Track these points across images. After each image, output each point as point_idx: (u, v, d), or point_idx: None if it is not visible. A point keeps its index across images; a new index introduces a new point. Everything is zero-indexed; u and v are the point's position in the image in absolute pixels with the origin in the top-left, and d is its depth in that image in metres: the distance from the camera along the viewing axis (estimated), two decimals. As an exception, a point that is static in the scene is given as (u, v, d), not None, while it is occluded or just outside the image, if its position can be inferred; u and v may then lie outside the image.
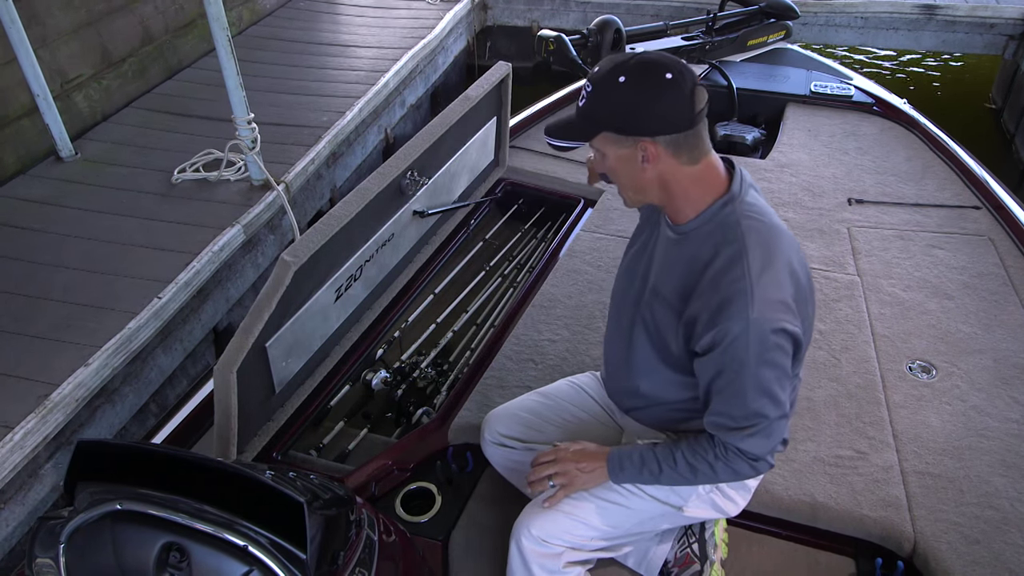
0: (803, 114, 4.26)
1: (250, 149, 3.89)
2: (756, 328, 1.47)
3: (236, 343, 2.02)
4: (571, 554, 1.74)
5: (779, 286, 1.51)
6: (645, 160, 1.54)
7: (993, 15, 6.36)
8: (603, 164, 1.63)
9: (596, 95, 1.54)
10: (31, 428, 2.73)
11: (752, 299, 1.47)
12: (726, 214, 1.57)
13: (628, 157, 1.56)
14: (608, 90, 1.52)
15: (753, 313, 1.47)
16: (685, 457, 1.63)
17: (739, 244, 1.53)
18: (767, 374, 1.52)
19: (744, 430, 1.56)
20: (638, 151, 1.53)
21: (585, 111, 1.57)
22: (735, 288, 1.49)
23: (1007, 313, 2.83)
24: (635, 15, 6.75)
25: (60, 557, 1.25)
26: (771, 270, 1.51)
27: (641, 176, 1.57)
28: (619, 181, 1.64)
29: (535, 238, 3.60)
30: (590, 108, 1.56)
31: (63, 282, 3.41)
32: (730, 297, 1.49)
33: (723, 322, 1.49)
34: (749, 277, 1.49)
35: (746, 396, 1.53)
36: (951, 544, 1.99)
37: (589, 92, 1.55)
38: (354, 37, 6.14)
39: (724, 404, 1.57)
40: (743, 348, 1.49)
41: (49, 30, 4.35)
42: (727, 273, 1.51)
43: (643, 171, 1.56)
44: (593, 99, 1.55)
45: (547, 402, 2.03)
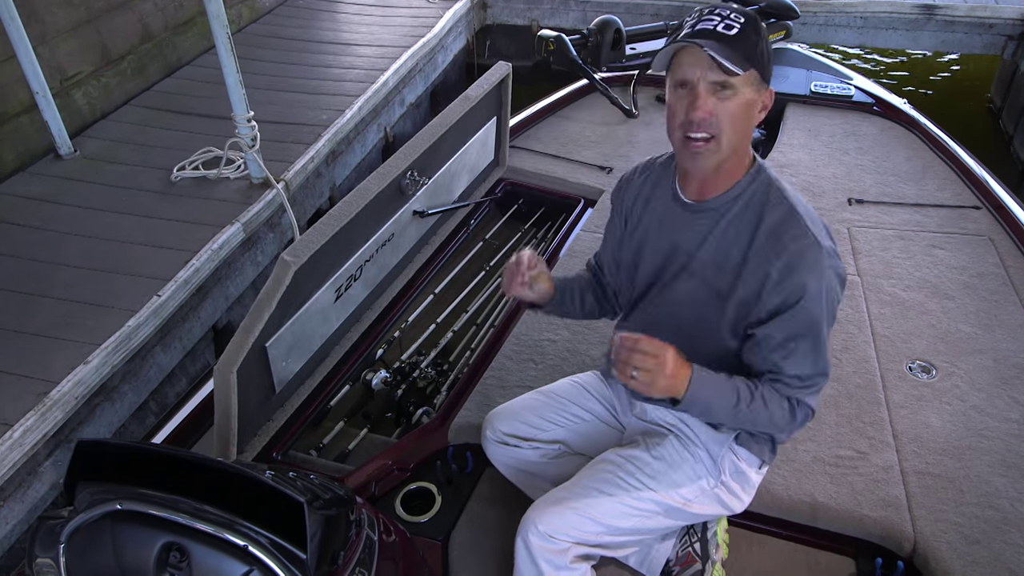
0: (803, 114, 4.26)
1: (250, 147, 3.89)
2: (828, 279, 1.53)
3: (236, 343, 2.01)
4: (577, 549, 1.73)
5: (828, 236, 1.57)
6: (763, 109, 1.56)
7: (992, 15, 6.36)
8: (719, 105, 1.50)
9: (750, 31, 1.50)
10: (30, 426, 2.73)
11: (820, 249, 1.52)
12: (761, 179, 1.62)
13: (753, 104, 1.54)
14: (760, 31, 1.51)
15: (825, 262, 1.52)
16: (764, 396, 1.60)
17: (786, 203, 1.58)
18: (824, 328, 1.57)
19: (811, 387, 1.62)
20: (761, 99, 1.55)
21: (741, 41, 1.49)
22: (803, 243, 1.52)
23: (1007, 313, 2.83)
24: (634, 15, 6.74)
25: (60, 557, 1.25)
26: (818, 222, 1.58)
27: (749, 127, 1.57)
28: (730, 127, 1.52)
29: (535, 238, 3.60)
30: (748, 41, 1.49)
31: (62, 280, 3.40)
32: (800, 252, 1.52)
33: (799, 278, 1.52)
34: (811, 231, 1.53)
35: (817, 354, 1.58)
36: (951, 544, 1.99)
37: (744, 24, 1.50)
38: (354, 35, 6.13)
39: (794, 366, 1.59)
40: (817, 304, 1.53)
41: (48, 27, 4.34)
42: (787, 231, 1.54)
43: (752, 121, 1.56)
44: (749, 33, 1.50)
45: (549, 401, 2.02)
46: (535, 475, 2.03)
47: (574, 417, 1.99)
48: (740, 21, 1.50)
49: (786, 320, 1.55)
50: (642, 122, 4.20)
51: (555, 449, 2.00)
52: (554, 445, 1.99)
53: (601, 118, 4.23)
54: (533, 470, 2.02)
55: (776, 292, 1.54)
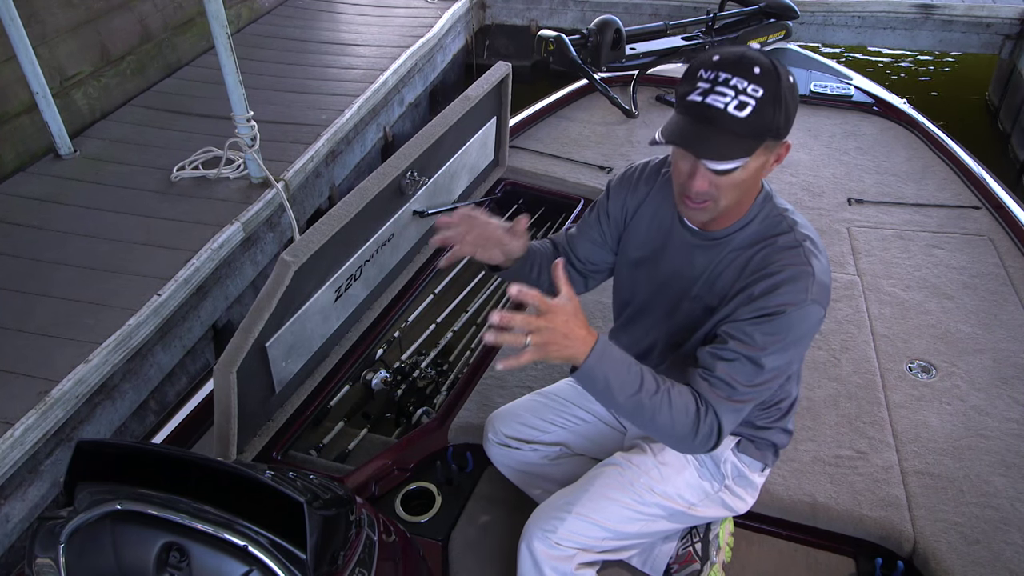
0: (803, 114, 4.25)
1: (249, 147, 3.89)
2: (809, 310, 1.49)
3: (236, 343, 2.01)
4: (583, 555, 1.72)
5: (828, 277, 1.54)
6: (777, 160, 1.50)
7: (989, 15, 6.39)
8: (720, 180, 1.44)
9: (776, 99, 1.38)
10: (31, 424, 2.73)
11: (813, 282, 1.49)
12: (768, 209, 1.58)
13: (766, 163, 1.47)
14: (781, 92, 1.38)
15: (811, 295, 1.48)
16: (670, 394, 1.46)
17: (793, 233, 1.55)
18: (790, 356, 1.53)
19: (735, 402, 1.49)
20: (773, 155, 1.48)
21: (754, 119, 1.37)
22: (801, 270, 1.49)
23: (1007, 313, 2.83)
24: (633, 14, 6.75)
25: (60, 557, 1.25)
26: (822, 258, 1.54)
27: (755, 183, 1.52)
28: (732, 194, 1.47)
29: (535, 238, 3.59)
30: (762, 114, 1.38)
31: (63, 279, 3.40)
32: (793, 276, 1.49)
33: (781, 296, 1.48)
34: (810, 262, 1.50)
35: (762, 370, 1.48)
36: (951, 544, 1.99)
37: (762, 97, 1.36)
38: (353, 35, 6.13)
39: (734, 370, 1.48)
40: (786, 325, 1.48)
41: (48, 28, 4.34)
42: (787, 256, 1.52)
43: (764, 175, 1.51)
44: (772, 104, 1.38)
45: (550, 402, 2.02)
46: (537, 476, 2.03)
47: (575, 419, 1.99)
48: (757, 95, 1.36)
49: (746, 326, 1.49)
50: (642, 122, 4.20)
51: (556, 451, 2.00)
52: (555, 447, 1.99)
53: (601, 118, 4.23)
54: (535, 472, 2.02)
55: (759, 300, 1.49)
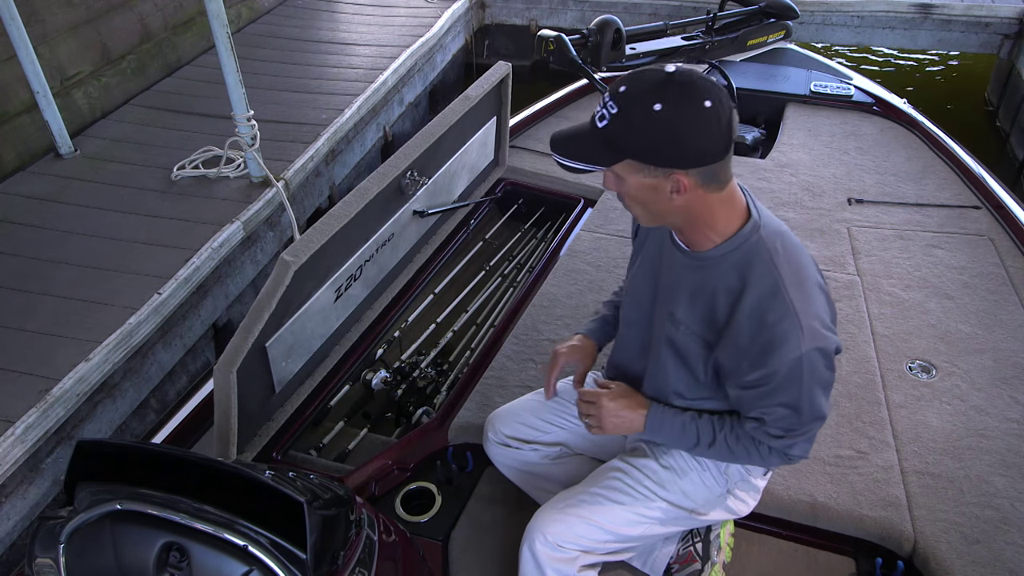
0: (803, 114, 4.26)
1: (249, 146, 3.89)
2: (808, 359, 1.46)
3: (236, 343, 2.01)
4: (585, 558, 1.72)
5: (818, 310, 1.48)
6: (675, 192, 1.43)
7: (988, 14, 6.40)
8: (619, 187, 1.49)
9: (624, 119, 1.38)
10: (32, 422, 2.74)
11: (802, 334, 1.44)
12: (754, 242, 1.50)
13: (655, 187, 1.44)
14: (640, 116, 1.37)
15: (804, 347, 1.44)
16: (727, 441, 1.64)
17: (773, 275, 1.47)
18: (818, 393, 1.51)
19: (794, 439, 1.58)
20: (668, 182, 1.42)
21: (609, 134, 1.41)
22: (783, 327, 1.44)
23: (1007, 313, 2.83)
24: (632, 14, 6.76)
25: (60, 557, 1.25)
26: (807, 295, 1.48)
27: (667, 205, 1.47)
28: (638, 207, 1.52)
29: (535, 238, 3.60)
30: (615, 132, 1.40)
31: (64, 278, 3.41)
32: (780, 337, 1.44)
33: (774, 363, 1.46)
34: (794, 313, 1.44)
35: (801, 416, 1.53)
36: (951, 544, 1.99)
37: (615, 114, 1.39)
38: (353, 35, 6.13)
39: (776, 421, 1.56)
40: (796, 379, 1.47)
41: (49, 27, 4.34)
42: (770, 310, 1.45)
43: (669, 201, 1.45)
44: (620, 122, 1.39)
45: (550, 403, 2.01)
46: (537, 476, 2.02)
47: (576, 420, 1.98)
48: (612, 112, 1.39)
49: (764, 392, 1.51)
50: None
51: (557, 451, 1.99)
52: (556, 447, 1.99)
53: (601, 118, 4.22)
54: (535, 471, 2.02)
55: (754, 367, 1.49)
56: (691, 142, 1.38)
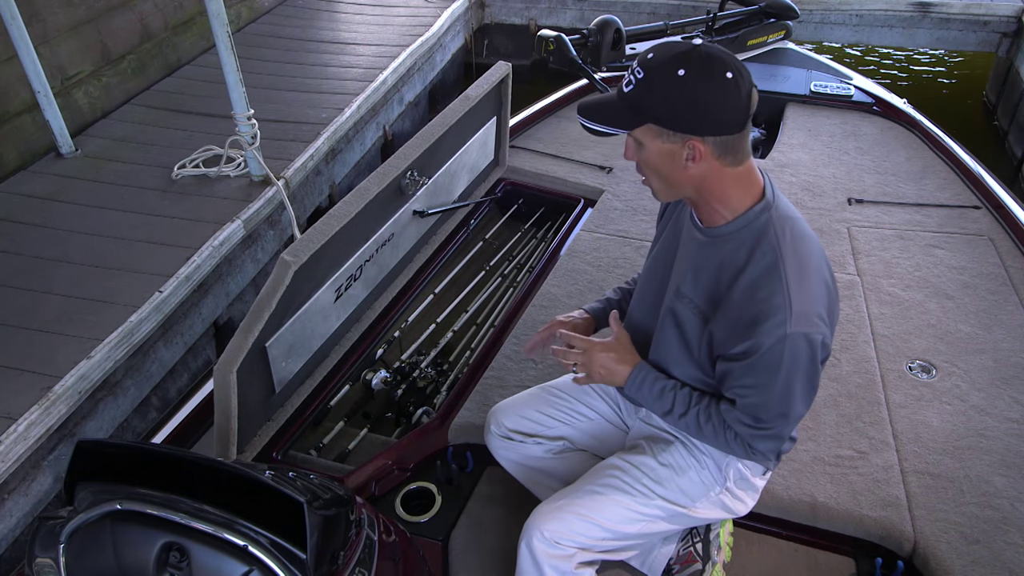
0: (803, 114, 4.26)
1: (250, 145, 3.89)
2: (792, 342, 1.46)
3: (236, 343, 2.01)
4: (582, 555, 1.73)
5: (814, 299, 1.49)
6: (690, 159, 1.48)
7: (987, 13, 6.41)
8: (637, 153, 1.55)
9: (649, 83, 1.45)
10: (35, 419, 2.75)
11: (790, 313, 1.45)
12: (763, 221, 1.53)
13: (671, 153, 1.49)
14: (664, 81, 1.43)
15: (790, 327, 1.45)
16: (699, 418, 1.66)
17: (775, 254, 1.49)
18: (796, 385, 1.52)
19: (761, 431, 1.59)
20: (684, 148, 1.47)
21: (633, 98, 1.47)
22: (773, 303, 1.46)
23: (1007, 313, 2.83)
24: (632, 13, 6.77)
25: (60, 557, 1.25)
26: (806, 283, 1.49)
27: (681, 174, 1.51)
28: (653, 174, 1.56)
29: (535, 238, 3.60)
30: (639, 96, 1.46)
31: (65, 276, 3.41)
32: (767, 311, 1.46)
33: (758, 335, 1.47)
34: (787, 291, 1.46)
35: (770, 405, 1.54)
36: (951, 544, 1.99)
37: (640, 79, 1.46)
38: (352, 35, 6.13)
39: (748, 407, 1.57)
40: (776, 360, 1.48)
41: (50, 27, 4.35)
42: (764, 286, 1.48)
43: (685, 169, 1.50)
44: (645, 87, 1.45)
45: (553, 398, 2.01)
46: (539, 471, 2.02)
47: (579, 415, 1.99)
48: (638, 76, 1.46)
49: (747, 365, 1.52)
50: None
51: (560, 445, 1.99)
52: (558, 441, 1.99)
53: (601, 118, 4.22)
54: (537, 466, 2.02)
55: (741, 339, 1.51)
56: (710, 110, 1.44)
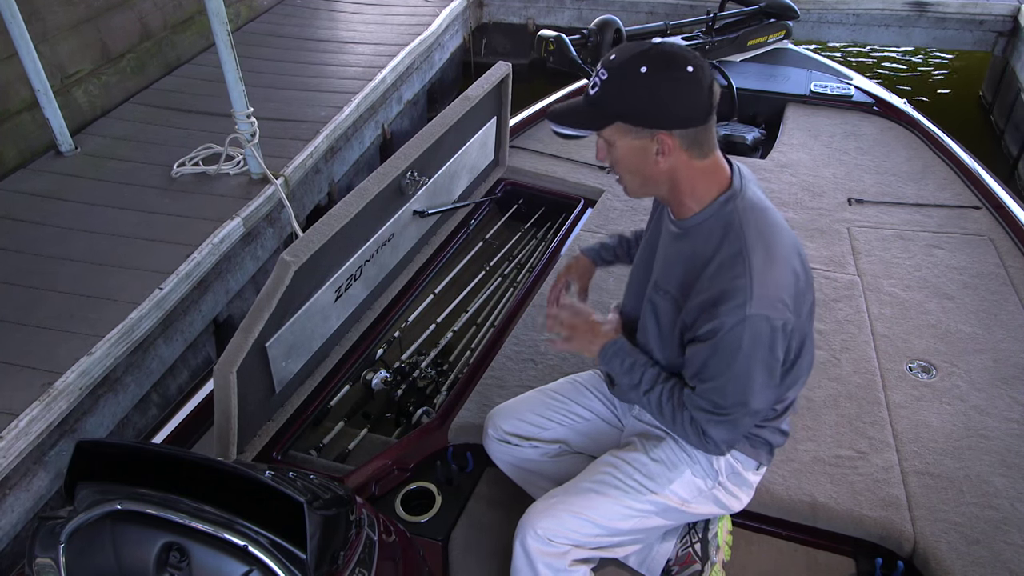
0: (803, 114, 4.26)
1: (249, 143, 3.89)
2: (752, 324, 1.48)
3: (236, 343, 2.01)
4: (576, 552, 1.73)
5: (778, 284, 1.51)
6: (660, 153, 1.52)
7: (983, 12, 6.43)
8: (609, 154, 1.59)
9: (613, 83, 1.50)
10: (36, 415, 2.75)
11: (751, 295, 1.47)
12: (728, 211, 1.56)
13: (641, 149, 1.53)
14: (627, 79, 1.48)
15: (751, 309, 1.47)
16: (661, 396, 1.67)
17: (740, 242, 1.52)
18: (755, 371, 1.53)
19: (717, 416, 1.59)
20: (653, 143, 1.51)
21: (598, 99, 1.52)
22: (735, 284, 1.49)
23: (1007, 313, 2.83)
24: (630, 13, 6.78)
25: (60, 557, 1.25)
26: (772, 268, 1.51)
27: (653, 168, 1.55)
28: (625, 172, 1.60)
29: (535, 238, 3.59)
30: (604, 96, 1.51)
31: (65, 274, 3.42)
32: (729, 291, 1.49)
33: (720, 315, 1.49)
34: (750, 274, 1.48)
35: (728, 390, 1.55)
36: (951, 544, 1.99)
37: (604, 80, 1.50)
38: (351, 33, 6.13)
39: (707, 391, 1.58)
40: (736, 342, 1.49)
41: (49, 26, 4.34)
42: (728, 269, 1.51)
43: (655, 164, 1.54)
44: (609, 87, 1.50)
45: (550, 400, 2.02)
46: (536, 473, 2.03)
47: (575, 416, 1.99)
48: (602, 79, 1.51)
49: (708, 347, 1.53)
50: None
51: (556, 448, 2.00)
52: (555, 444, 1.99)
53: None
54: (534, 468, 2.02)
55: (704, 320, 1.53)
56: (674, 103, 1.48)
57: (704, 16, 4.70)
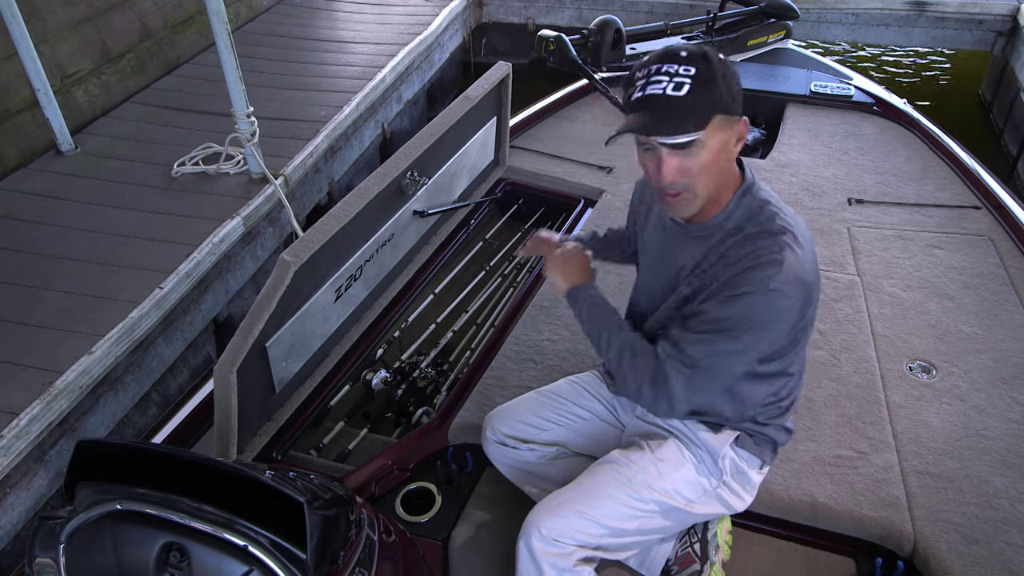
0: (803, 114, 4.26)
1: (249, 142, 3.89)
2: (771, 298, 1.48)
3: (236, 343, 2.01)
4: (580, 552, 1.73)
5: (804, 268, 1.52)
6: (739, 139, 1.52)
7: (982, 11, 6.45)
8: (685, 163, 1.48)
9: (705, 76, 1.44)
10: (36, 414, 2.75)
11: (780, 270, 1.47)
12: (747, 201, 1.58)
13: (727, 142, 1.50)
14: (717, 70, 1.45)
15: (775, 283, 1.47)
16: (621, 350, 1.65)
17: (772, 224, 1.54)
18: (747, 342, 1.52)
19: (686, 369, 1.55)
20: (735, 131, 1.51)
21: (694, 96, 1.43)
22: (766, 258, 1.49)
23: (1007, 313, 2.83)
24: (630, 12, 6.78)
25: (60, 557, 1.25)
26: (801, 252, 1.52)
27: (729, 163, 1.55)
28: (706, 177, 1.51)
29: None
30: (701, 90, 1.43)
31: (66, 273, 3.42)
32: (758, 264, 1.49)
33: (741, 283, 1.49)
34: (782, 253, 1.49)
35: (713, 346, 1.53)
36: (951, 544, 1.99)
37: (694, 75, 1.43)
38: (351, 33, 6.14)
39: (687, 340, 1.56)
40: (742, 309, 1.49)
41: (49, 25, 4.35)
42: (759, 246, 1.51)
43: (732, 156, 1.54)
44: (703, 81, 1.43)
45: (549, 401, 2.02)
46: (535, 475, 2.03)
47: (574, 417, 1.99)
48: (690, 74, 1.43)
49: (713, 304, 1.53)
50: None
51: (554, 451, 2.00)
52: (553, 447, 1.99)
53: (601, 118, 4.23)
54: (532, 470, 2.02)
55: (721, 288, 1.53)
56: (739, 87, 1.50)
57: (704, 16, 4.69)
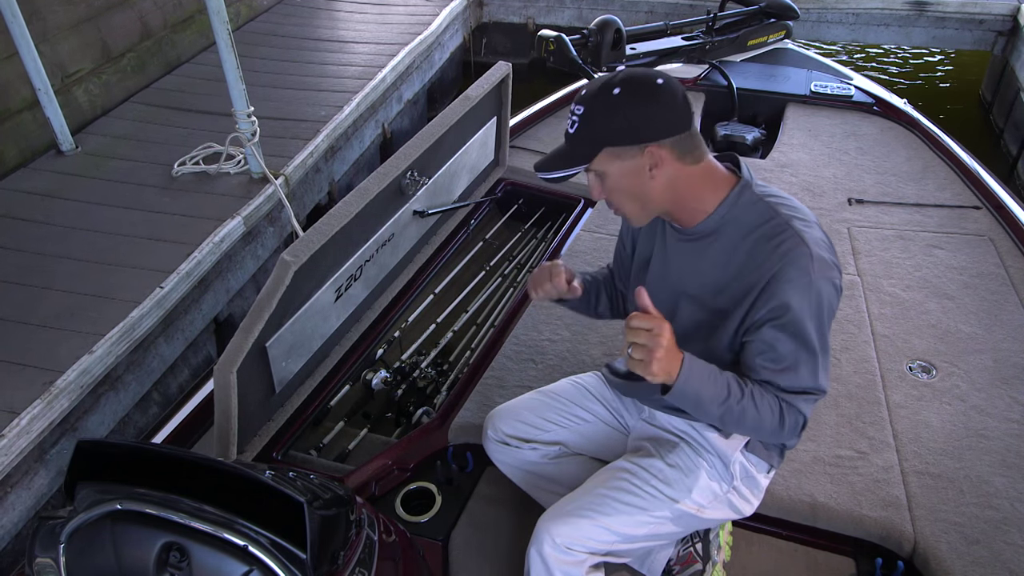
0: (803, 114, 4.26)
1: (249, 142, 3.89)
2: (818, 290, 1.48)
3: (236, 343, 2.01)
4: (592, 559, 1.72)
5: (824, 246, 1.53)
6: (654, 167, 1.52)
7: (982, 11, 6.45)
8: (603, 186, 1.59)
9: (592, 113, 1.52)
10: (37, 414, 2.76)
11: (812, 259, 1.48)
12: (745, 199, 1.58)
13: (634, 170, 1.53)
14: (605, 105, 1.50)
15: (814, 274, 1.48)
16: (754, 397, 1.54)
17: (776, 218, 1.54)
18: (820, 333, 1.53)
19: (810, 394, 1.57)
20: (645, 160, 1.52)
21: (581, 133, 1.54)
22: (793, 253, 1.49)
23: (1007, 313, 2.83)
24: (630, 12, 6.79)
25: (60, 557, 1.25)
26: (813, 229, 1.53)
27: (649, 187, 1.55)
28: (625, 199, 1.59)
29: (535, 238, 3.59)
30: (587, 128, 1.53)
31: (66, 272, 3.42)
32: (790, 261, 1.48)
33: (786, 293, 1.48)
34: (803, 241, 1.49)
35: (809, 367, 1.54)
36: (951, 544, 1.99)
37: (582, 113, 1.53)
38: (351, 33, 6.14)
39: (786, 379, 1.55)
40: (803, 316, 1.49)
41: (50, 25, 4.35)
42: (779, 244, 1.51)
43: (652, 180, 1.54)
44: (589, 118, 1.53)
45: (550, 402, 2.01)
46: (536, 475, 2.02)
47: (576, 418, 1.99)
48: (579, 113, 1.53)
49: (774, 330, 1.51)
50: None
51: (556, 450, 1.99)
52: (555, 446, 1.99)
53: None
54: (534, 470, 2.01)
55: (763, 301, 1.51)
56: (655, 114, 1.50)
57: (704, 16, 4.69)
